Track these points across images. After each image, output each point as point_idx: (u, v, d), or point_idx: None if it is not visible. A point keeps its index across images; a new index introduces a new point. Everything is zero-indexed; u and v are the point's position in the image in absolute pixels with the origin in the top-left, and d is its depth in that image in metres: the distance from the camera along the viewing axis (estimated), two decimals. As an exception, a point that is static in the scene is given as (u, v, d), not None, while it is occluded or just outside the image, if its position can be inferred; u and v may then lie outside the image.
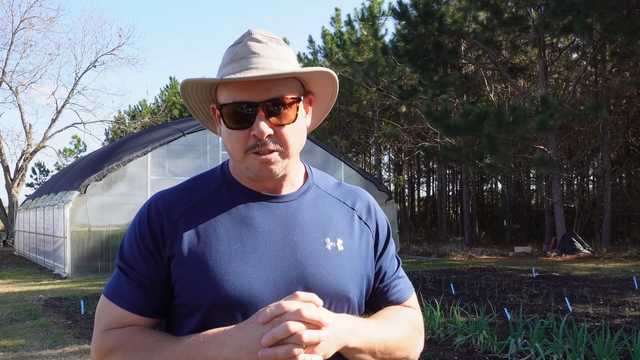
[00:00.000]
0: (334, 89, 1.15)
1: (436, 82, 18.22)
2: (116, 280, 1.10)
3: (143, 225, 1.09)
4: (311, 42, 27.37)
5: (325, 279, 1.08)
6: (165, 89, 43.82)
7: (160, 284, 1.07)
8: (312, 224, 1.12)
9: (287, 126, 1.05)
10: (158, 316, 1.10)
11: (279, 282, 1.05)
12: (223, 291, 1.02)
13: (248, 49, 1.05)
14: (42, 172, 45.70)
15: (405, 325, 1.16)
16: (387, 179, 31.32)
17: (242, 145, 1.05)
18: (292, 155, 1.08)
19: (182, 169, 13.01)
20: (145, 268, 1.07)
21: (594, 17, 14.44)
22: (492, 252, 17.30)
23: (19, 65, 45.69)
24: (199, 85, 1.09)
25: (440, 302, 7.31)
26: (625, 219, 21.16)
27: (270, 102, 1.02)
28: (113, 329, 1.08)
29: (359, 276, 1.14)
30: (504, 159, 17.04)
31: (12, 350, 5.51)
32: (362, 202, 1.22)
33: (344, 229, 1.15)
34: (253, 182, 1.12)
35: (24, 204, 19.82)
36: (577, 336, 4.66)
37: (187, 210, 1.09)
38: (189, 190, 1.13)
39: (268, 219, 1.09)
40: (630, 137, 22.38)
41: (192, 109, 1.17)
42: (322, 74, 1.09)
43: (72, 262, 11.75)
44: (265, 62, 1.03)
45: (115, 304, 1.08)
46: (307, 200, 1.15)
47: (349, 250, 1.13)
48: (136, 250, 1.08)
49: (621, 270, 12.07)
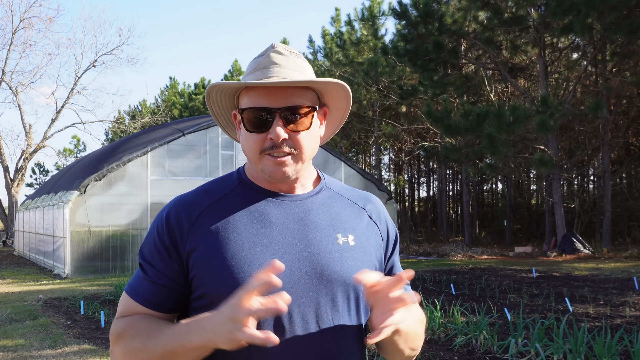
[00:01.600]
0: (348, 104, 1.24)
1: (436, 82, 18.22)
2: (136, 278, 1.18)
3: (161, 224, 1.15)
4: (311, 42, 27.39)
5: (338, 270, 1.13)
6: (165, 89, 43.84)
7: (176, 280, 1.13)
8: (324, 221, 1.18)
9: (303, 132, 1.13)
10: (170, 312, 1.16)
11: (295, 273, 1.11)
12: (241, 281, 1.07)
13: (270, 59, 1.14)
14: (42, 172, 45.74)
15: (420, 319, 1.24)
16: (387, 179, 31.32)
17: (259, 147, 1.12)
18: (305, 159, 1.15)
19: (182, 169, 13.00)
20: (161, 264, 1.14)
21: (594, 17, 14.44)
22: (493, 252, 17.29)
23: (18, 65, 45.85)
24: (223, 91, 1.17)
25: (440, 302, 7.30)
26: (626, 219, 21.16)
27: (287, 109, 1.11)
28: (125, 316, 1.16)
29: (370, 269, 1.17)
30: (504, 159, 17.05)
31: (11, 350, 5.50)
32: (373, 205, 1.29)
33: (355, 226, 1.21)
34: (268, 184, 1.19)
35: (24, 204, 19.83)
36: (577, 336, 4.66)
37: (206, 208, 1.16)
38: (206, 192, 1.20)
39: (283, 215, 1.16)
40: (630, 137, 22.37)
41: (214, 115, 1.26)
42: (337, 87, 1.17)
43: (71, 262, 11.74)
44: (285, 72, 1.12)
45: (131, 297, 1.16)
46: (320, 200, 1.22)
47: (359, 245, 1.19)
48: (153, 248, 1.15)
49: (621, 270, 12.07)
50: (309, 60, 26.88)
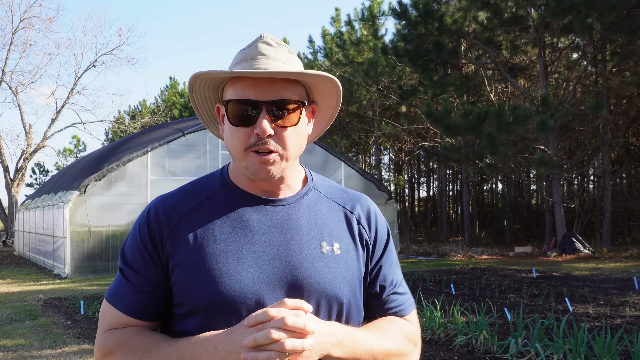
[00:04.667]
0: (338, 101, 1.17)
1: (436, 82, 18.21)
2: (117, 284, 1.13)
3: (143, 228, 1.11)
4: (311, 42, 27.37)
5: (319, 281, 1.08)
6: (165, 89, 43.83)
7: (159, 285, 1.10)
8: (308, 228, 1.12)
9: (289, 129, 1.07)
10: (156, 319, 1.12)
11: (274, 284, 1.06)
12: (217, 292, 1.04)
13: (258, 50, 1.09)
14: (42, 172, 45.71)
15: (397, 338, 1.14)
16: (387, 179, 31.31)
17: (244, 143, 1.07)
18: (290, 158, 1.09)
19: (182, 169, 13.00)
20: (144, 269, 1.10)
21: (594, 16, 14.44)
22: (492, 252, 17.29)
23: (18, 65, 45.80)
24: (207, 82, 1.11)
25: (440, 302, 7.30)
26: (626, 219, 21.15)
27: (274, 103, 1.05)
28: (114, 329, 1.10)
29: (355, 280, 1.14)
30: (504, 159, 17.04)
31: (11, 350, 5.50)
32: (362, 207, 1.21)
33: (341, 233, 1.15)
34: (251, 185, 1.14)
35: (24, 204, 19.82)
36: (577, 336, 4.66)
37: (185, 213, 1.11)
38: (187, 194, 1.15)
39: (265, 222, 1.11)
40: (630, 137, 22.37)
41: (197, 108, 1.19)
42: (327, 82, 1.11)
43: (71, 262, 11.74)
44: (273, 64, 1.06)
45: (115, 307, 1.11)
46: (305, 204, 1.16)
47: (345, 254, 1.13)
48: (136, 253, 1.11)
49: (621, 270, 12.07)
50: (309, 60, 26.88)
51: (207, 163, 13.30)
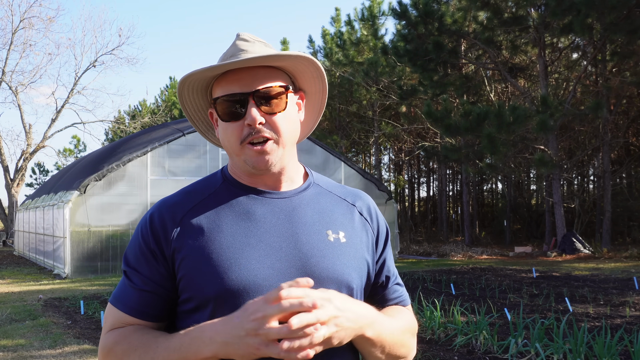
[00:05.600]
0: (324, 85, 1.20)
1: (436, 82, 18.22)
2: (120, 287, 1.14)
3: (145, 229, 1.12)
4: (311, 42, 27.36)
5: (329, 268, 1.10)
6: (165, 89, 43.82)
7: (162, 284, 1.09)
8: (313, 218, 1.14)
9: (279, 114, 1.09)
10: (158, 320, 1.12)
11: (284, 271, 1.07)
12: (228, 281, 1.04)
13: (237, 47, 1.13)
14: (42, 172, 45.72)
15: (409, 325, 1.20)
16: (387, 179, 31.31)
17: (238, 137, 1.09)
18: (286, 144, 1.11)
19: (182, 169, 12.99)
20: (147, 268, 1.10)
21: (594, 16, 14.44)
22: (492, 252, 17.29)
23: (18, 65, 45.81)
24: (194, 87, 1.14)
25: (440, 302, 7.30)
26: (626, 219, 21.15)
27: (259, 92, 1.07)
28: (115, 328, 1.11)
29: (362, 266, 1.16)
30: (504, 159, 17.04)
31: (11, 350, 5.50)
32: (363, 201, 1.25)
33: (345, 223, 1.18)
34: (253, 180, 1.15)
35: (24, 204, 19.82)
36: (577, 336, 4.65)
37: (190, 209, 1.12)
38: (190, 194, 1.16)
39: (270, 213, 1.12)
40: (630, 137, 22.37)
41: (191, 119, 1.22)
42: (308, 66, 1.14)
43: (71, 262, 11.74)
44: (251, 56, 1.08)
45: (118, 309, 1.11)
46: (308, 197, 1.18)
47: (351, 241, 1.16)
48: (139, 253, 1.11)
49: (621, 270, 12.07)
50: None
51: (207, 163, 13.30)
